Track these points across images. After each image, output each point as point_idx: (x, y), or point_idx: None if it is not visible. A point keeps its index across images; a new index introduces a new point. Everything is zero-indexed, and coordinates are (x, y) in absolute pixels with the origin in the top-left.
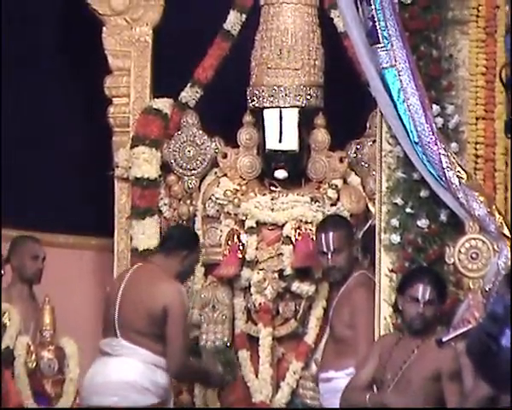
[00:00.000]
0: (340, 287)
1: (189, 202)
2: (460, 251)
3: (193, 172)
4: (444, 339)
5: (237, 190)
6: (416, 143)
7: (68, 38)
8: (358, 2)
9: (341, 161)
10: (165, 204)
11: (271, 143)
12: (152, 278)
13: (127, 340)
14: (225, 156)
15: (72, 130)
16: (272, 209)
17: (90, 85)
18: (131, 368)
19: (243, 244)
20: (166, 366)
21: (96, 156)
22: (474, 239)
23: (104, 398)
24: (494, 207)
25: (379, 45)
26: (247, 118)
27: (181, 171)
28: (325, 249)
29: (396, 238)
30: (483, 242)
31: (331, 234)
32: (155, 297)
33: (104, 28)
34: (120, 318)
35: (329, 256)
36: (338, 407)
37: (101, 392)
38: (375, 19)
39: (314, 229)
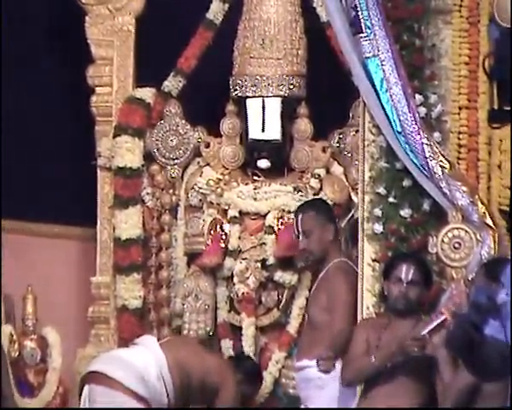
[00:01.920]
0: (319, 274)
1: (171, 191)
2: (443, 241)
3: (176, 161)
4: (422, 333)
5: (220, 180)
6: (399, 133)
7: (54, 29)
8: None
9: (324, 150)
10: (148, 194)
11: (254, 133)
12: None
13: (159, 343)
14: (208, 146)
15: (57, 120)
16: (255, 199)
17: (73, 75)
18: (142, 357)
19: (226, 234)
20: None
21: (80, 146)
22: (457, 229)
23: (100, 364)
24: (477, 196)
25: (362, 35)
26: (230, 107)
27: (164, 160)
28: (296, 232)
29: (379, 228)
30: (466, 231)
31: (300, 216)
32: (220, 370)
33: (87, 17)
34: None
35: (300, 239)
36: (313, 396)
37: (104, 360)
38: (358, 8)
39: None
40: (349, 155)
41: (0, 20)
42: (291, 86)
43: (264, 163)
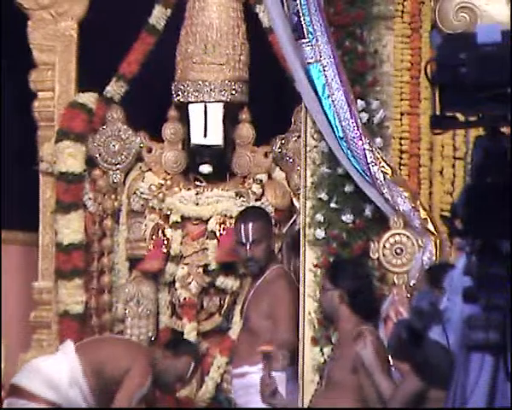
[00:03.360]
0: (257, 280)
1: (113, 196)
2: (384, 246)
3: (118, 166)
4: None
5: (162, 185)
6: (341, 139)
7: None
8: None
9: (266, 155)
10: (90, 199)
11: (196, 138)
12: (141, 347)
13: (75, 346)
14: (150, 151)
15: None
16: (197, 204)
17: (16, 79)
18: (57, 365)
19: (168, 239)
20: None
21: (22, 150)
22: (399, 234)
23: (19, 378)
24: (418, 202)
25: (304, 40)
26: (172, 113)
27: (106, 165)
28: (244, 240)
29: (320, 233)
30: (407, 237)
31: (250, 225)
32: (130, 352)
33: (29, 22)
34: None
35: (248, 247)
36: (253, 402)
37: (23, 373)
38: (300, 14)
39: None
40: (291, 160)
41: (0, 21)
42: (233, 92)
43: (206, 168)
